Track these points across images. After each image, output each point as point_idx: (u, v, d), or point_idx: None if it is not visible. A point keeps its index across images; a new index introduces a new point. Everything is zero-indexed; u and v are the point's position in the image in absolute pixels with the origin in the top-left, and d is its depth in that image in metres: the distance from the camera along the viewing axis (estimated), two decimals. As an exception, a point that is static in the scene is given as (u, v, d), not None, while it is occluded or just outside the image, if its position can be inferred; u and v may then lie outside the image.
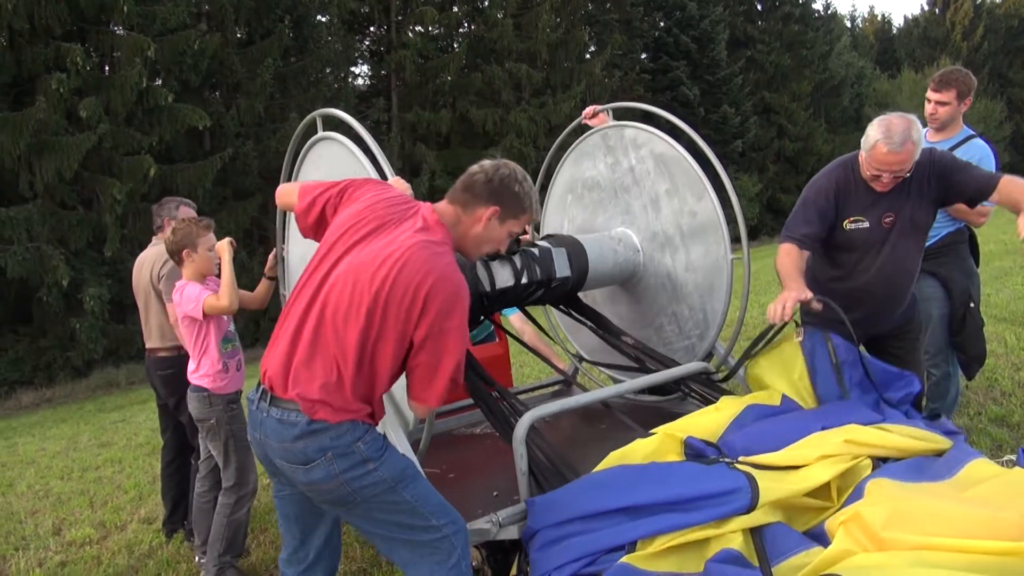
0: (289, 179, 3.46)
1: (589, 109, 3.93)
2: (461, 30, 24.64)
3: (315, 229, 2.26)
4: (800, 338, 2.88)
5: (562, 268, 3.38)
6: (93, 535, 4.24)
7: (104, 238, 14.62)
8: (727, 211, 3.36)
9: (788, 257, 2.94)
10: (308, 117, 3.31)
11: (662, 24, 30.18)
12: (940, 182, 2.89)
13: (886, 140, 2.72)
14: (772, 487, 2.18)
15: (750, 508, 2.13)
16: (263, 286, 3.77)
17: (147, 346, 3.82)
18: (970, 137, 3.65)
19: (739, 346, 6.52)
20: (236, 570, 3.36)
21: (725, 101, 30.16)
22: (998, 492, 2.07)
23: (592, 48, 27.71)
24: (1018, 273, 8.27)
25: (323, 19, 20.47)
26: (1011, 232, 12.49)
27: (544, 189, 4.20)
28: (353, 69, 24.21)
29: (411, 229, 2.05)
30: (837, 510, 2.17)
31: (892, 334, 3.16)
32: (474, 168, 2.22)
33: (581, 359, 4.27)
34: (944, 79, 3.60)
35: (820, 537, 2.12)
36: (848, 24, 50.49)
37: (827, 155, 35.11)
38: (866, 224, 2.95)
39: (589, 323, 3.66)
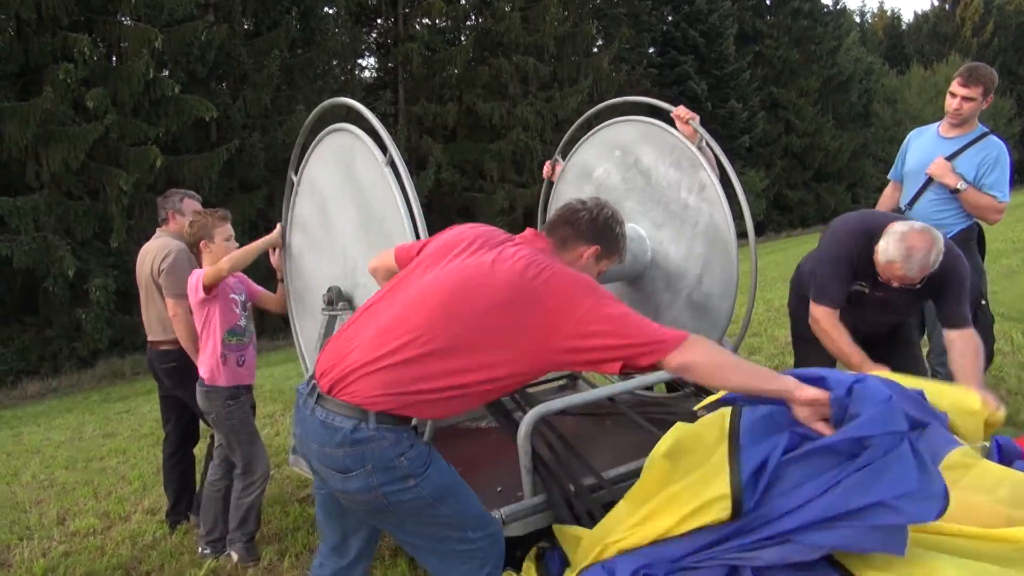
0: (297, 168, 3.45)
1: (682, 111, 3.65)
2: (468, 23, 24.58)
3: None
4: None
5: None
6: (97, 525, 4.24)
7: (110, 229, 14.64)
8: (734, 208, 3.33)
9: (837, 331, 3.01)
10: (322, 104, 3.30)
11: (670, 18, 30.06)
12: (939, 290, 2.96)
13: (904, 263, 2.75)
14: None
15: None
16: (282, 290, 3.79)
17: (149, 338, 3.83)
18: (985, 134, 3.64)
19: (747, 342, 6.53)
20: (246, 544, 3.43)
21: (733, 96, 30.04)
22: (975, 480, 2.10)
23: (600, 42, 27.62)
24: (1026, 271, 8.23)
25: (330, 11, 20.45)
26: (1019, 230, 12.43)
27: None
28: (360, 61, 24.21)
29: (519, 244, 2.05)
30: None
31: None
32: (576, 204, 2.19)
33: None
34: (973, 75, 3.55)
35: None
36: (857, 19, 50.23)
37: (834, 151, 35.00)
38: (865, 289, 3.05)
39: None
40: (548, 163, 4.24)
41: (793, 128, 33.89)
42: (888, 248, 2.77)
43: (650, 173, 3.65)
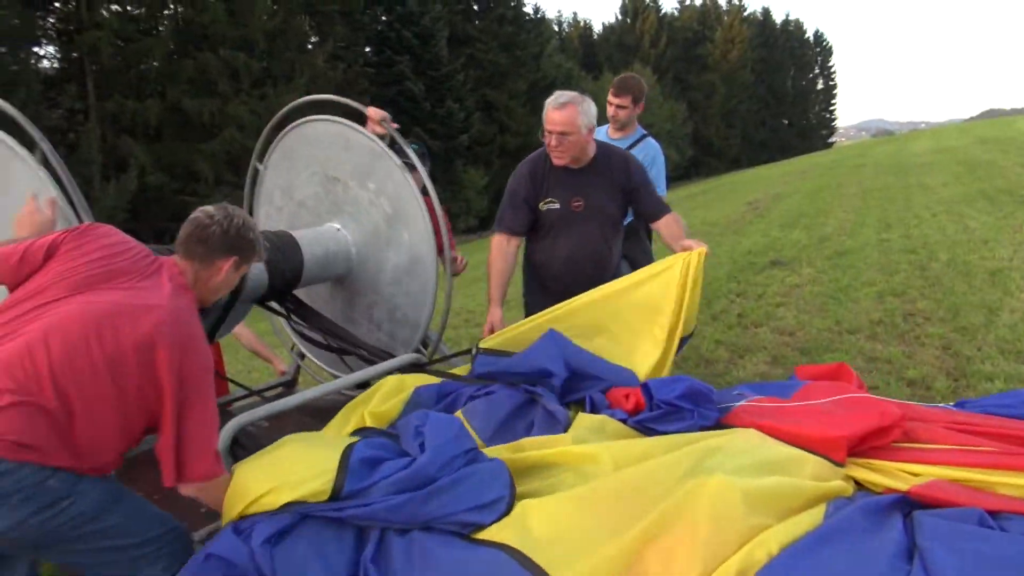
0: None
1: (374, 112, 3.54)
2: (166, 12, 22.66)
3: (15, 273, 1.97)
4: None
5: (281, 264, 3.25)
6: None
7: None
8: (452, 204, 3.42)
9: (495, 256, 3.33)
10: None
11: (384, 18, 30.27)
12: (628, 179, 3.28)
13: (552, 101, 3.15)
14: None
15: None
16: None
17: None
18: (644, 136, 4.15)
19: (451, 333, 6.75)
20: None
21: (449, 97, 31.06)
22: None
23: (314, 39, 27.03)
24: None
25: (-8, -10, 17.68)
26: (699, 215, 14.38)
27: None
28: (36, 49, 21.19)
29: (163, 292, 1.95)
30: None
31: None
32: (202, 219, 2.11)
33: (303, 356, 4.12)
34: (622, 85, 4.04)
35: None
36: (556, 28, 54.50)
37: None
38: (557, 205, 3.29)
39: (302, 324, 3.55)
40: None
41: (507, 128, 35.93)
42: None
43: (354, 176, 3.54)
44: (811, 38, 72.77)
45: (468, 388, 2.73)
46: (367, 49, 29.79)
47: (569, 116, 3.10)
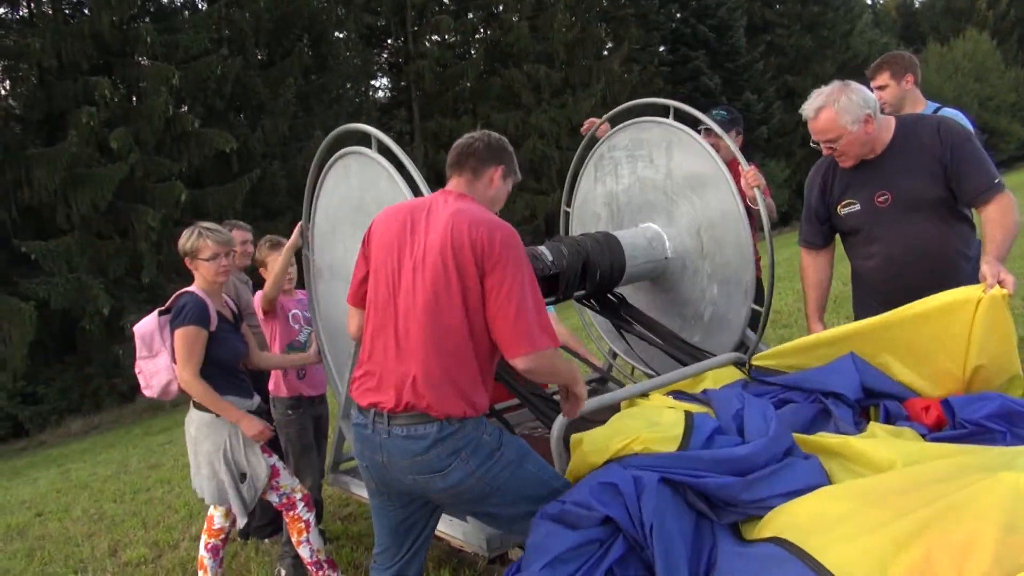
0: (312, 197, 3.48)
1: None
2: (477, 36, 24.75)
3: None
4: None
5: (602, 262, 3.39)
6: (148, 555, 4.33)
7: (141, 265, 14.93)
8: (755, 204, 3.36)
9: (805, 270, 3.10)
10: (331, 134, 3.34)
11: (678, 15, 29.95)
12: (944, 149, 2.67)
13: (805, 109, 2.77)
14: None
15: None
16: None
17: None
18: (937, 110, 3.51)
19: (772, 332, 6.47)
20: (292, 560, 3.52)
21: (747, 88, 29.85)
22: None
23: (610, 44, 27.65)
24: None
25: (340, 35, 20.71)
26: None
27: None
28: (373, 82, 24.49)
29: (440, 210, 2.17)
30: None
31: None
32: (466, 139, 2.36)
33: (615, 355, 4.25)
34: (875, 65, 3.55)
35: None
36: (868, 1, 49.68)
37: (855, 135, 34.58)
38: (858, 206, 2.85)
39: (626, 321, 3.64)
40: (591, 120, 4.13)
41: (811, 115, 33.57)
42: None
43: (669, 171, 3.68)
44: None
45: (776, 392, 2.70)
46: (662, 48, 29.72)
47: (826, 122, 2.72)
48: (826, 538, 1.73)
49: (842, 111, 2.68)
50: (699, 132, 3.65)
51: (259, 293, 3.70)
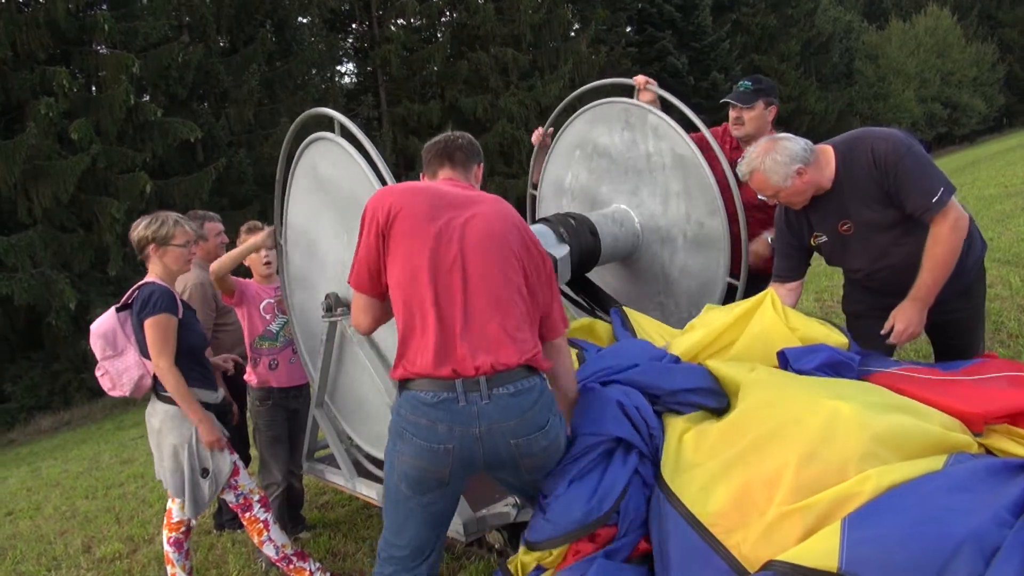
0: (284, 183, 3.46)
1: (640, 78, 3.70)
2: (443, 19, 24.52)
3: (378, 278, 2.19)
4: None
5: (576, 243, 3.41)
6: (122, 550, 4.30)
7: (107, 258, 14.67)
8: (734, 226, 3.39)
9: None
10: (299, 118, 3.32)
11: (645, -5, 29.95)
12: (885, 178, 2.63)
13: (740, 171, 2.85)
14: None
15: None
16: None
17: None
18: None
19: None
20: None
21: (714, 67, 29.98)
22: None
23: (576, 26, 27.55)
24: (1019, 215, 8.24)
25: (304, 20, 20.40)
26: (1010, 175, 12.44)
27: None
28: (339, 68, 24.16)
29: (467, 189, 2.26)
30: None
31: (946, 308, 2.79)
32: (444, 136, 2.38)
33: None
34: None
35: None
36: (832, -21, 49.95)
37: (820, 113, 34.96)
38: (824, 238, 2.87)
39: (590, 303, 3.66)
40: (538, 130, 4.15)
41: (778, 93, 33.82)
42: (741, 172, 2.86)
43: (609, 150, 3.74)
44: None
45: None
46: (628, 29, 29.72)
47: (759, 183, 2.78)
48: (685, 476, 2.13)
49: (769, 172, 2.72)
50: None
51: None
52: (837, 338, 2.63)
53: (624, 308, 3.24)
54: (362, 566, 3.39)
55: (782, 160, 2.70)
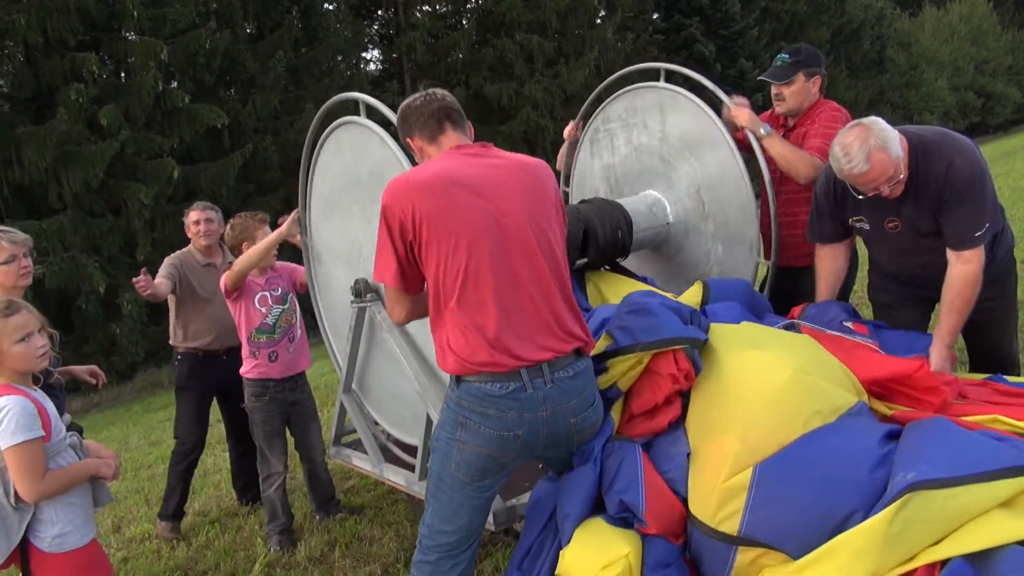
0: (308, 169, 3.46)
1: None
2: (469, 6, 24.43)
3: (414, 270, 2.15)
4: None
5: (604, 228, 3.37)
6: (151, 530, 4.35)
7: (135, 243, 14.86)
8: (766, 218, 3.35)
9: (820, 263, 3.00)
10: (326, 104, 3.31)
11: (672, -19, 29.58)
12: (944, 206, 2.57)
13: (847, 162, 2.51)
14: None
15: None
16: None
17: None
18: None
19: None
20: (279, 537, 3.65)
21: (742, 55, 29.55)
22: None
23: (602, 12, 27.25)
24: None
25: (330, 7, 20.43)
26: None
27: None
28: (364, 55, 24.19)
29: (495, 160, 2.19)
30: None
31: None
32: (435, 95, 2.25)
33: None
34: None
35: None
36: (864, -36, 49.01)
37: (850, 101, 34.35)
38: (867, 226, 2.81)
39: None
40: (572, 123, 4.08)
41: (806, 82, 33.31)
42: (834, 157, 2.57)
43: (686, 158, 3.61)
44: None
45: None
46: (655, 16, 29.37)
47: (881, 163, 2.48)
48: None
49: (887, 144, 2.49)
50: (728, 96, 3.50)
51: (226, 273, 3.54)
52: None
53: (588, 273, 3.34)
54: (388, 551, 3.40)
55: (885, 128, 2.50)
